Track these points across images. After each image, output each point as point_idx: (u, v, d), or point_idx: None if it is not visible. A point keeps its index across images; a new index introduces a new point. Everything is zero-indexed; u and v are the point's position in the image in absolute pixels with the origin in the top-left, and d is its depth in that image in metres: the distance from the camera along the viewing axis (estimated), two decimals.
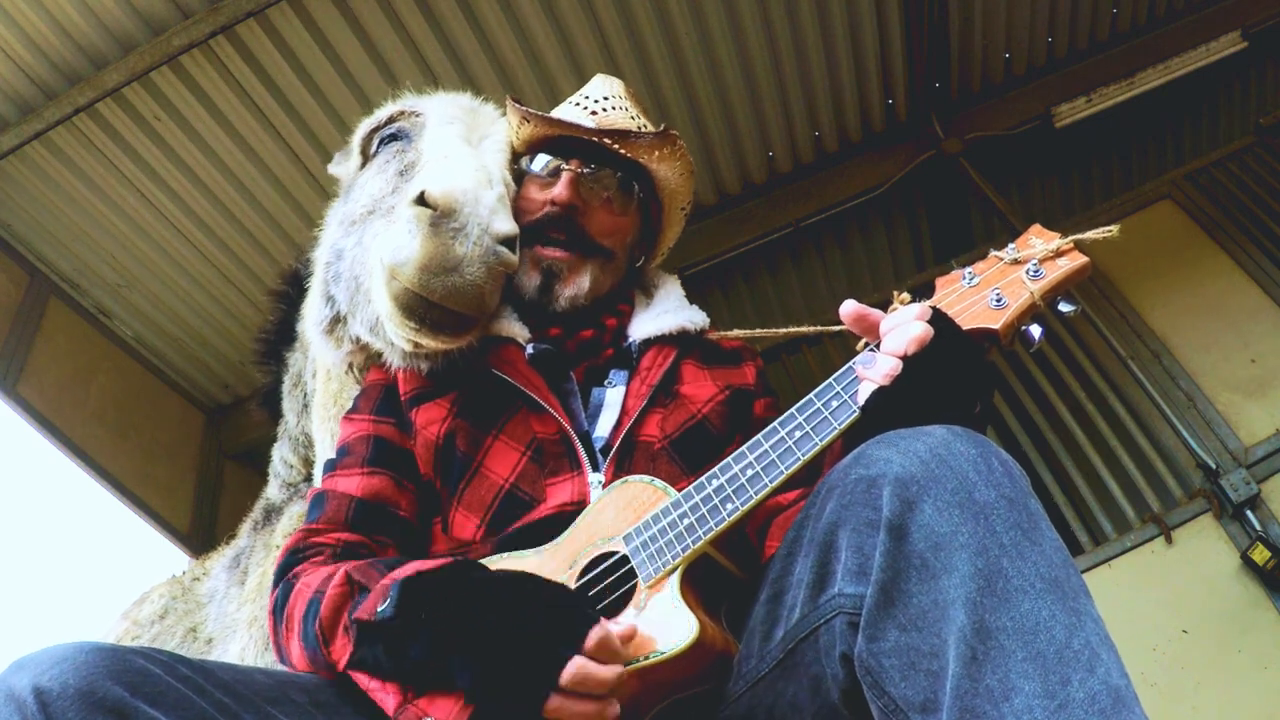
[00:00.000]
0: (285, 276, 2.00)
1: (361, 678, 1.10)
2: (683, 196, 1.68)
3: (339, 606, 1.15)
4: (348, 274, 1.49)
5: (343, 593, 1.16)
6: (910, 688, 0.86)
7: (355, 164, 1.68)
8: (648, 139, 1.54)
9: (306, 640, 1.18)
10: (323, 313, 1.58)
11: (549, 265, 1.50)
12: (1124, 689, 0.80)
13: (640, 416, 1.40)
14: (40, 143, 3.15)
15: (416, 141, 1.56)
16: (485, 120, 1.64)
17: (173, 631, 2.07)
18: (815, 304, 4.52)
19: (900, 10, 3.65)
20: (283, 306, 2.00)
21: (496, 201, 1.38)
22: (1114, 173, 4.68)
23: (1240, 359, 3.18)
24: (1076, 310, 1.17)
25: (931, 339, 1.09)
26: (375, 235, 1.44)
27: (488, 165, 1.47)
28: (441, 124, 1.56)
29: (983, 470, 0.92)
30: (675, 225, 1.74)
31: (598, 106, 1.62)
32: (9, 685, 0.87)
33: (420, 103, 1.66)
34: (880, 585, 0.90)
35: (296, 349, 1.97)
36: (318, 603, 1.17)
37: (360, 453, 1.41)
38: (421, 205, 1.32)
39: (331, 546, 1.30)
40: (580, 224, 1.53)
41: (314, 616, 1.17)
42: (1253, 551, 2.78)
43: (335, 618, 1.15)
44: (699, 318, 1.61)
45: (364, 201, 1.52)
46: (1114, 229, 1.18)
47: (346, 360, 1.61)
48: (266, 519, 2.07)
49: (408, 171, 1.50)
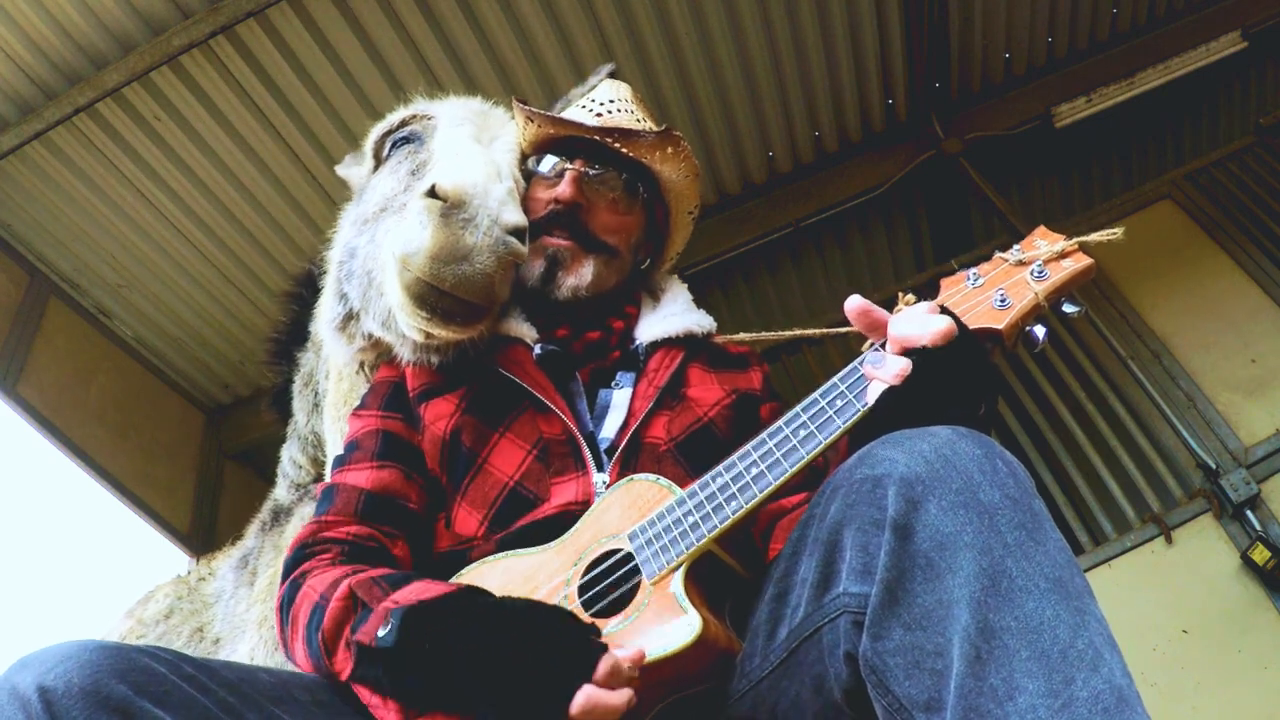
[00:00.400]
0: (299, 278, 2.03)
1: (363, 692, 1.11)
2: (689, 200, 1.70)
3: (341, 621, 1.15)
4: (360, 270, 1.52)
5: (345, 607, 1.16)
6: (915, 687, 0.86)
7: (368, 167, 1.71)
8: (650, 138, 1.56)
9: (310, 647, 1.18)
10: (336, 310, 1.60)
11: (553, 252, 1.52)
12: (1127, 688, 0.80)
13: (646, 418, 1.41)
14: (40, 143, 3.15)
15: (428, 143, 1.59)
16: (496, 123, 1.67)
17: (178, 631, 2.07)
18: (815, 304, 4.52)
19: (900, 10, 3.66)
20: (295, 307, 2.02)
21: (506, 194, 1.40)
22: (1114, 173, 4.68)
23: (1240, 359, 3.18)
24: (1080, 312, 1.17)
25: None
26: (388, 231, 1.46)
27: (497, 161, 1.50)
28: (452, 125, 1.59)
29: (987, 470, 0.92)
30: (683, 229, 1.75)
31: (602, 109, 1.63)
32: (13, 684, 0.87)
33: (432, 106, 1.69)
34: (885, 584, 0.90)
35: (309, 349, 1.99)
36: (321, 612, 1.17)
37: (369, 447, 1.42)
38: (433, 198, 1.34)
39: (340, 542, 1.30)
40: (583, 220, 1.55)
41: (317, 626, 1.17)
42: (1253, 551, 2.78)
43: (337, 631, 1.15)
44: (706, 321, 1.63)
45: (376, 201, 1.55)
46: (1118, 231, 1.18)
47: (358, 358, 1.63)
48: (275, 520, 2.08)
49: (420, 171, 1.53)
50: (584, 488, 1.32)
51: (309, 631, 1.18)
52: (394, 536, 1.34)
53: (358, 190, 1.72)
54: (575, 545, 1.23)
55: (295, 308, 2.02)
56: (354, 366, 1.69)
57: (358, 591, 1.16)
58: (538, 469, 1.35)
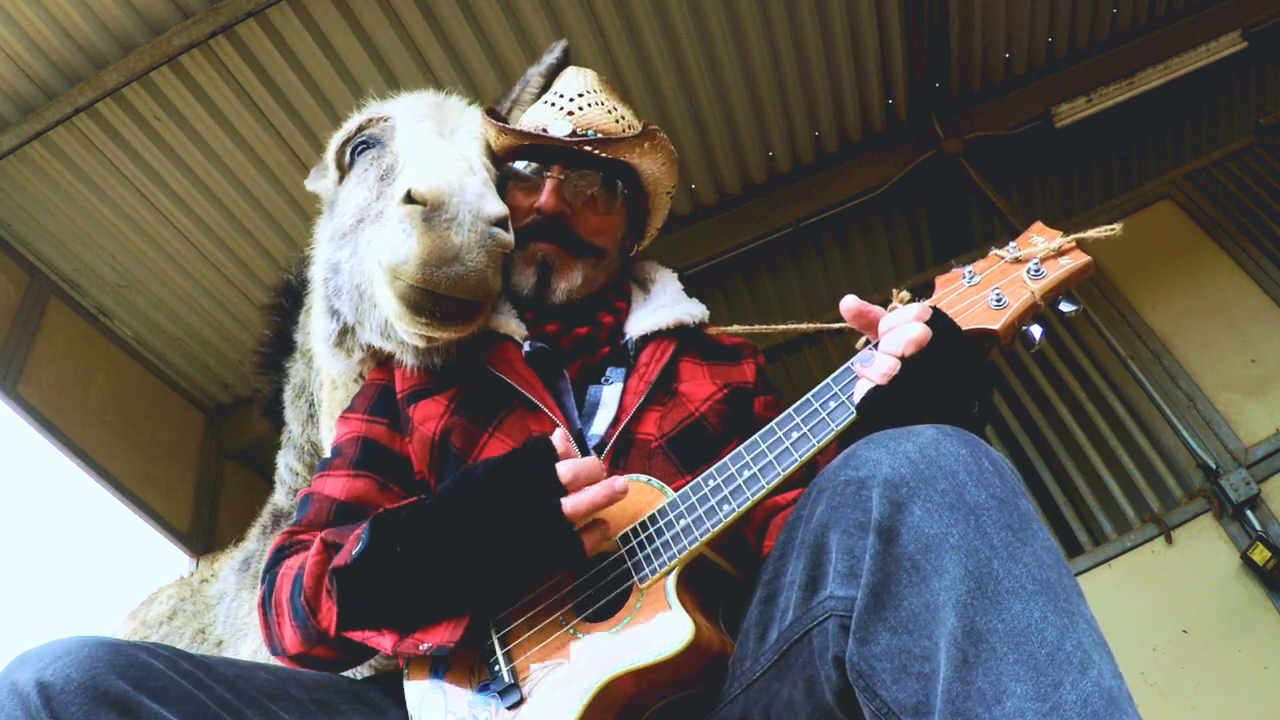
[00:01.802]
0: (277, 289, 2.01)
1: (355, 635, 1.11)
2: (667, 183, 1.69)
3: (320, 573, 1.18)
4: (348, 285, 1.50)
5: (321, 559, 1.19)
6: (902, 691, 0.86)
7: (333, 179, 1.69)
8: (629, 141, 1.54)
9: (296, 616, 1.19)
10: (329, 327, 1.59)
11: (542, 258, 1.52)
12: (1117, 690, 0.79)
13: (637, 414, 1.41)
14: (40, 143, 3.15)
15: (390, 144, 1.57)
16: (453, 113, 1.65)
17: (181, 632, 2.08)
18: (815, 304, 4.52)
19: (900, 10, 3.65)
20: (277, 319, 2.01)
21: (482, 185, 1.39)
22: (1114, 173, 4.68)
23: (1240, 359, 3.18)
24: (1078, 310, 1.16)
25: (930, 340, 1.08)
26: (369, 242, 1.45)
27: (466, 154, 1.49)
28: (411, 123, 1.58)
29: (973, 470, 0.91)
30: (661, 209, 1.75)
31: (573, 105, 1.60)
32: (12, 679, 0.88)
33: (386, 107, 1.67)
34: (870, 588, 0.90)
35: (297, 359, 1.97)
36: (300, 577, 1.20)
37: (349, 454, 1.43)
38: (410, 203, 1.33)
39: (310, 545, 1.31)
40: (569, 228, 1.54)
41: (299, 591, 1.19)
42: (1253, 551, 2.78)
43: (318, 585, 1.17)
44: (697, 310, 1.61)
45: (351, 213, 1.53)
46: (1116, 227, 1.16)
47: (359, 369, 1.62)
48: (275, 524, 2.08)
49: (388, 175, 1.51)
50: None
51: (293, 602, 1.20)
52: None
53: (327, 202, 1.71)
54: None
55: (277, 319, 2.01)
56: (354, 375, 1.68)
57: (329, 538, 1.20)
58: None
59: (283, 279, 2.00)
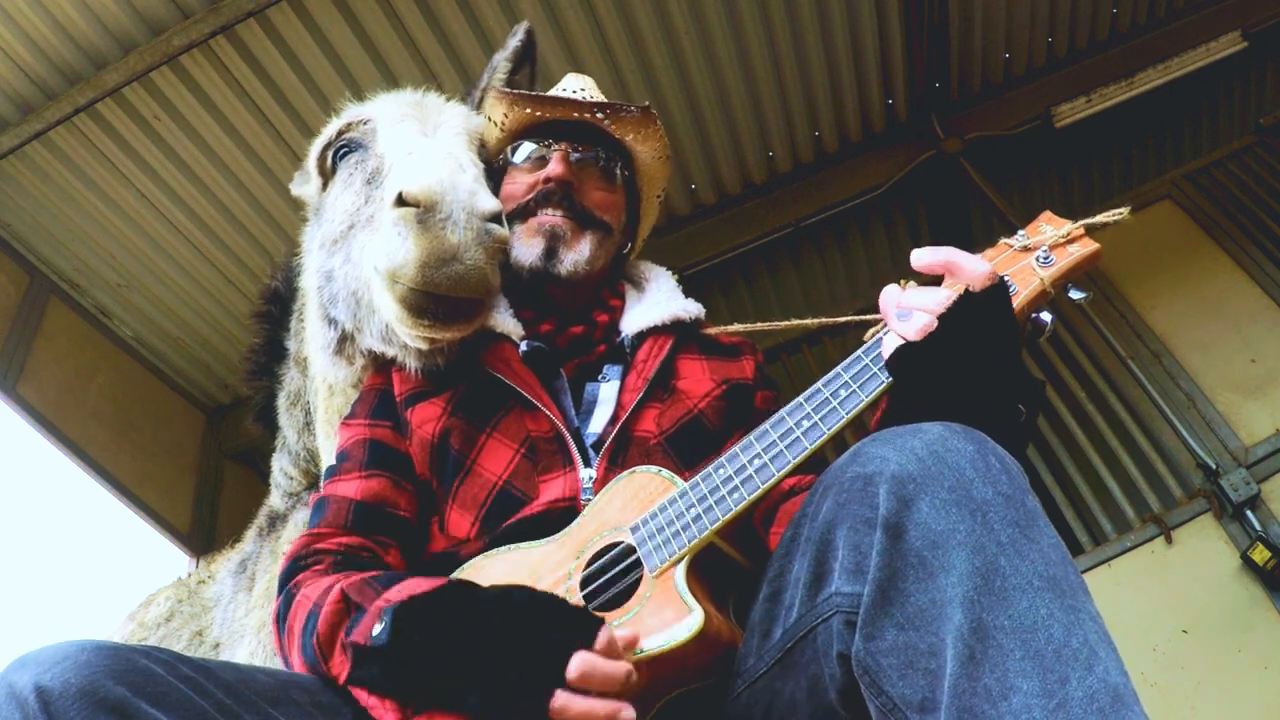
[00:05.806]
0: (266, 295, 2.00)
1: (361, 694, 1.10)
2: (659, 182, 1.71)
3: (335, 624, 1.15)
4: (344, 292, 1.49)
5: (338, 610, 1.15)
6: (908, 687, 0.85)
7: (316, 185, 1.68)
8: (634, 114, 1.58)
9: (306, 653, 1.18)
10: (327, 336, 1.57)
11: (551, 228, 1.52)
12: (1123, 687, 0.79)
13: (635, 411, 1.40)
14: (40, 143, 3.15)
15: (372, 147, 1.56)
16: (433, 110, 1.64)
17: (179, 634, 2.07)
18: (815, 304, 4.52)
19: (900, 10, 3.65)
20: (267, 326, 1.99)
21: (474, 182, 1.38)
22: (1114, 173, 4.68)
23: (1240, 359, 3.18)
24: (1088, 298, 1.16)
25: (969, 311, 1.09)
26: (362, 248, 1.44)
27: (453, 151, 1.48)
28: (393, 124, 1.56)
29: (980, 467, 0.91)
30: (651, 214, 1.77)
31: (579, 96, 1.65)
32: (10, 683, 0.87)
33: (364, 109, 1.66)
34: (877, 584, 0.89)
35: (290, 366, 1.95)
36: (315, 617, 1.17)
37: (358, 457, 1.42)
38: (403, 205, 1.32)
39: (332, 553, 1.30)
40: (576, 199, 1.55)
41: (311, 631, 1.17)
42: (1253, 551, 2.78)
43: (332, 635, 1.15)
44: (693, 307, 1.61)
45: (340, 219, 1.52)
46: (1124, 211, 1.17)
47: (359, 375, 1.61)
48: (271, 526, 2.07)
49: (375, 178, 1.50)
50: (570, 484, 1.32)
51: (304, 639, 1.18)
52: (386, 545, 1.34)
53: (313, 209, 1.70)
54: (578, 538, 1.23)
55: (267, 326, 1.99)
56: (354, 381, 1.65)
57: (350, 593, 1.16)
58: (526, 467, 1.35)
59: (270, 286, 1.98)
